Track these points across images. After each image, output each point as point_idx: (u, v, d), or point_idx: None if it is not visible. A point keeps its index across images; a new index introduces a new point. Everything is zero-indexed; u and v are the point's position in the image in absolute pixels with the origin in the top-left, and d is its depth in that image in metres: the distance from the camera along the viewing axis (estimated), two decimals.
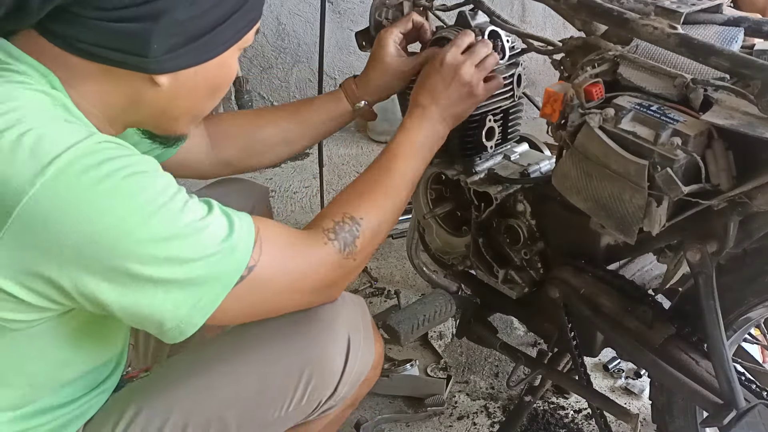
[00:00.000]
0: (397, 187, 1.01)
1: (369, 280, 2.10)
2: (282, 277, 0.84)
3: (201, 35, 0.77)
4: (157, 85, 0.78)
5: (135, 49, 0.73)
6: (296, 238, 0.87)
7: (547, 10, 1.21)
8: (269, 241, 0.81)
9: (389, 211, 0.99)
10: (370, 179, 1.00)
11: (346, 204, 0.94)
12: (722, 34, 0.95)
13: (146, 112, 0.83)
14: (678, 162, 0.84)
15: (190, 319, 0.76)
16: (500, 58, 1.23)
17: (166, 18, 0.72)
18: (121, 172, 0.70)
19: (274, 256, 0.82)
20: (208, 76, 0.82)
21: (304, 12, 3.15)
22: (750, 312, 1.04)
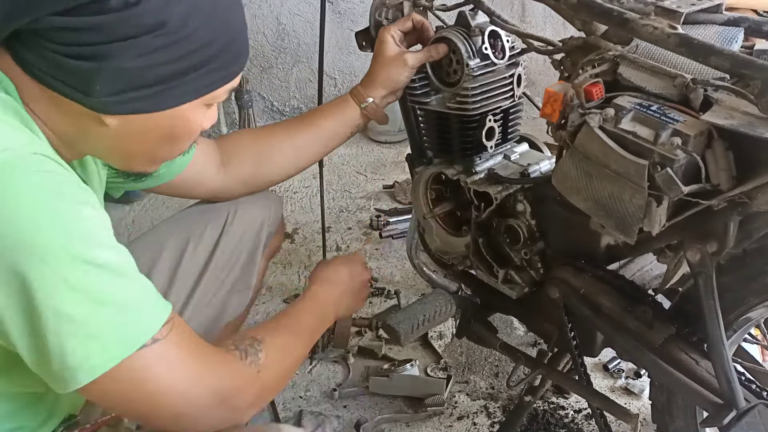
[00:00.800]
0: (299, 332, 1.01)
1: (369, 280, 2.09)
2: (183, 362, 0.79)
3: (150, 86, 0.75)
4: (104, 124, 0.77)
5: (80, 86, 0.73)
6: (203, 341, 0.84)
7: (547, 10, 1.21)
8: (179, 328, 0.79)
9: (291, 345, 0.97)
10: (276, 319, 1.01)
11: (248, 331, 0.94)
12: (722, 34, 0.95)
13: (96, 145, 0.83)
14: (678, 162, 0.84)
15: (74, 374, 0.71)
16: (500, 58, 1.23)
17: (110, 63, 0.72)
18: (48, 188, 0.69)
19: (181, 340, 0.79)
20: (162, 126, 0.80)
21: (304, 12, 3.15)
22: (750, 312, 1.04)
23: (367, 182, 2.77)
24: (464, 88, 1.20)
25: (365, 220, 2.45)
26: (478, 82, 1.20)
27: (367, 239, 2.35)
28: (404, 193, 2.60)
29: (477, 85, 1.20)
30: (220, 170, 1.21)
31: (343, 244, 2.33)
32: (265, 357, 0.89)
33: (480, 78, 1.21)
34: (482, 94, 1.21)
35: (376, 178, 2.79)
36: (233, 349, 0.87)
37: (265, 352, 0.89)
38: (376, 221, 2.39)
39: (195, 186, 1.19)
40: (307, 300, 1.08)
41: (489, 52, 1.21)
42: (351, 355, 1.78)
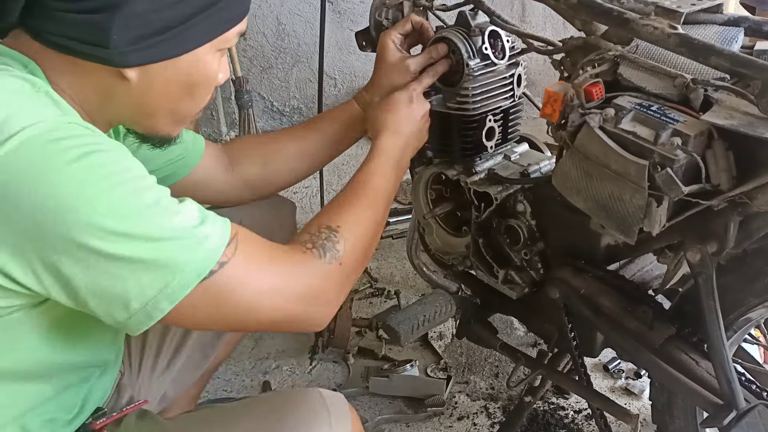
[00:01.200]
0: (374, 199, 1.00)
1: (369, 280, 2.10)
2: (258, 278, 0.81)
3: (166, 29, 0.76)
4: (126, 80, 0.78)
5: (97, 41, 0.74)
6: (274, 247, 0.85)
7: (547, 10, 1.21)
8: (245, 243, 0.80)
9: (369, 219, 0.97)
10: (346, 193, 1.00)
11: (321, 218, 0.93)
12: (722, 34, 0.95)
13: (121, 107, 0.83)
14: (678, 162, 0.84)
15: (157, 303, 0.74)
16: (500, 58, 1.23)
17: (125, 9, 0.73)
18: (85, 148, 0.70)
19: (250, 256, 0.80)
20: (181, 73, 0.81)
21: (304, 12, 3.15)
22: (750, 312, 1.04)
23: None
24: (464, 88, 1.20)
25: None
26: (478, 82, 1.20)
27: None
28: (404, 193, 2.60)
29: (477, 85, 1.20)
30: (228, 173, 1.22)
31: None
32: (344, 246, 0.89)
33: (480, 78, 1.20)
34: (482, 94, 1.21)
35: None
36: (310, 248, 0.87)
37: (343, 241, 0.89)
38: None
39: (203, 188, 1.19)
40: (375, 160, 1.06)
41: (489, 52, 1.21)
42: (351, 355, 1.78)
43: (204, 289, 0.75)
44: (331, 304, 0.90)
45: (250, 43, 3.21)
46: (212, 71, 0.85)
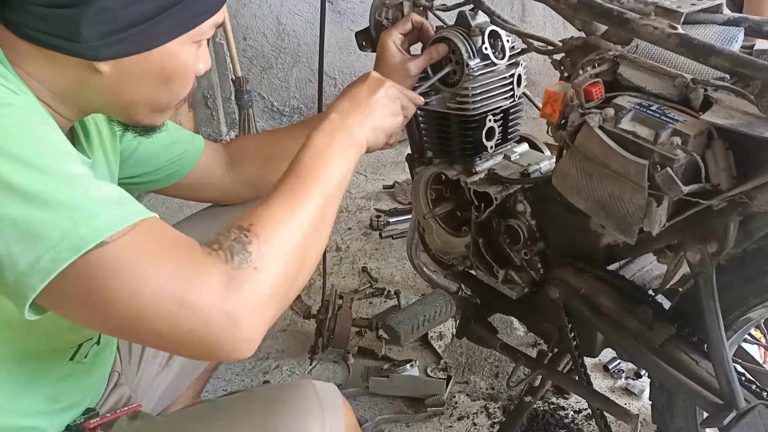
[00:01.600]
0: (304, 191, 0.81)
1: (369, 280, 2.10)
2: (142, 270, 0.67)
3: (136, 24, 0.75)
4: (98, 72, 0.77)
5: (67, 35, 0.74)
6: (178, 244, 0.72)
7: (547, 10, 1.21)
8: (145, 231, 0.70)
9: (295, 215, 0.78)
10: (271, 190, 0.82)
11: (235, 219, 0.77)
12: (722, 34, 0.95)
13: (95, 96, 0.82)
14: (678, 162, 0.84)
15: (28, 279, 0.65)
16: (500, 58, 1.23)
17: (94, 5, 0.72)
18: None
19: (141, 243, 0.68)
20: (154, 66, 0.80)
21: (304, 12, 3.15)
22: (750, 312, 1.04)
23: (367, 182, 2.78)
24: (464, 88, 1.20)
25: (365, 220, 2.45)
26: (478, 82, 1.20)
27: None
28: (404, 193, 2.60)
29: (477, 85, 1.20)
30: (228, 172, 1.22)
31: (343, 245, 2.33)
32: (260, 247, 0.72)
33: (480, 78, 1.21)
34: (482, 94, 1.21)
35: (376, 178, 2.79)
36: (216, 249, 0.71)
37: (257, 241, 0.73)
38: (376, 221, 2.39)
39: (204, 186, 1.19)
40: (306, 141, 0.88)
41: (489, 52, 1.21)
42: (351, 355, 1.78)
43: (80, 269, 0.66)
44: (247, 323, 0.70)
45: (250, 43, 3.21)
46: (187, 63, 0.83)
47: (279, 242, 0.75)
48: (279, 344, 1.86)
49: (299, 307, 1.97)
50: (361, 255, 2.26)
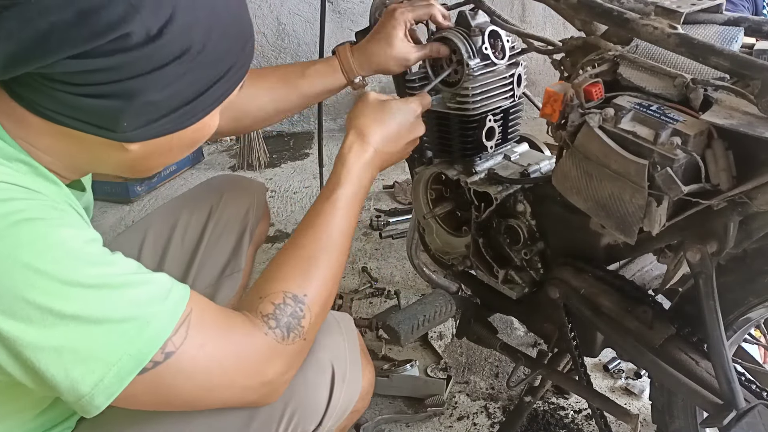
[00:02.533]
0: (338, 247, 0.89)
1: (369, 280, 2.10)
2: (209, 371, 0.73)
3: (176, 109, 0.72)
4: (126, 150, 0.73)
5: (104, 124, 0.69)
6: (231, 328, 0.76)
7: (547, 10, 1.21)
8: (199, 326, 0.72)
9: (334, 273, 0.88)
10: (309, 241, 0.88)
11: (285, 279, 0.83)
12: (722, 34, 0.95)
13: (112, 167, 0.78)
14: (678, 162, 0.84)
15: (92, 399, 0.67)
16: (500, 58, 1.23)
17: (139, 98, 0.68)
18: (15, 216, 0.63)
19: (202, 346, 0.72)
20: (185, 139, 0.77)
21: (304, 12, 3.15)
22: (750, 312, 1.04)
23: None
24: (464, 88, 1.20)
25: (365, 220, 2.45)
26: (478, 82, 1.20)
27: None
28: (404, 193, 2.60)
29: (477, 85, 1.20)
30: None
31: None
32: (309, 320, 0.82)
33: (480, 78, 1.21)
34: (482, 94, 1.21)
35: (376, 178, 2.79)
36: (273, 327, 0.78)
37: (309, 314, 0.82)
38: (376, 221, 2.39)
39: None
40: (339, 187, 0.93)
41: (489, 52, 1.21)
42: None
43: (147, 381, 0.68)
44: (289, 380, 0.83)
45: None
46: (214, 126, 0.81)
47: (322, 312, 0.86)
48: None
49: None
50: (361, 255, 2.26)
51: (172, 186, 2.87)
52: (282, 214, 2.56)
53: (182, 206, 1.28)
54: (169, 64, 0.68)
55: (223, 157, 3.15)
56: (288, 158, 3.09)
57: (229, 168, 3.03)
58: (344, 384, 0.91)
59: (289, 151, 3.17)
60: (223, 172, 2.96)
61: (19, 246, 0.63)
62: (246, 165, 2.99)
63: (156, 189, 2.82)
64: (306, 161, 3.02)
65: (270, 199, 2.69)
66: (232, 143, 3.30)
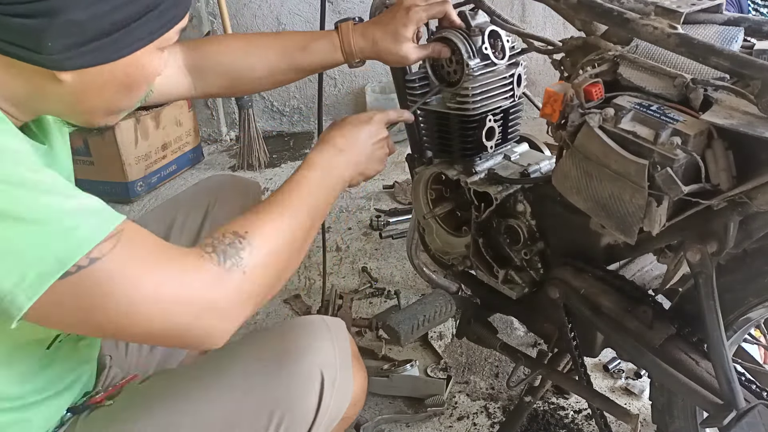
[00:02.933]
0: (296, 210, 0.89)
1: (369, 280, 2.10)
2: (138, 279, 0.71)
3: (104, 35, 0.72)
4: (59, 81, 0.74)
5: (30, 45, 0.70)
6: (166, 248, 0.76)
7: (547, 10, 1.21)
8: (130, 240, 0.72)
9: (287, 231, 0.85)
10: (265, 202, 0.89)
11: (230, 224, 0.83)
12: (722, 34, 0.95)
13: (53, 103, 0.79)
14: (678, 161, 0.84)
15: (13, 297, 0.66)
16: (500, 58, 1.23)
17: (61, 17, 0.69)
18: None
19: (133, 254, 0.71)
20: (118, 75, 0.77)
21: (304, 12, 3.15)
22: (750, 312, 1.04)
23: (366, 182, 2.77)
24: (464, 88, 1.20)
25: (365, 220, 2.45)
26: (478, 82, 1.20)
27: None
28: (404, 193, 2.60)
29: (477, 85, 1.20)
30: (191, 83, 1.18)
31: (343, 244, 2.33)
32: (251, 254, 0.79)
33: (480, 78, 1.21)
34: (482, 94, 1.21)
35: (376, 178, 2.79)
36: (210, 252, 0.77)
37: (250, 248, 0.79)
38: (376, 221, 2.39)
39: (167, 97, 1.17)
40: (302, 171, 0.95)
41: (489, 52, 1.21)
42: None
43: (70, 285, 0.67)
44: (230, 318, 0.78)
45: None
46: (152, 69, 0.81)
47: (267, 253, 0.82)
48: None
49: (299, 307, 1.97)
50: (361, 255, 2.26)
51: (172, 186, 2.87)
52: None
53: (178, 207, 1.28)
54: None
55: (223, 157, 3.15)
56: (288, 158, 3.09)
57: (229, 168, 3.03)
58: (334, 390, 0.89)
59: (289, 151, 3.17)
60: (223, 172, 2.96)
61: None
62: (246, 165, 2.99)
63: (156, 189, 2.82)
64: None
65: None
66: (232, 143, 3.30)
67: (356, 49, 1.18)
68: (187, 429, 0.85)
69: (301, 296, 2.03)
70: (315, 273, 2.15)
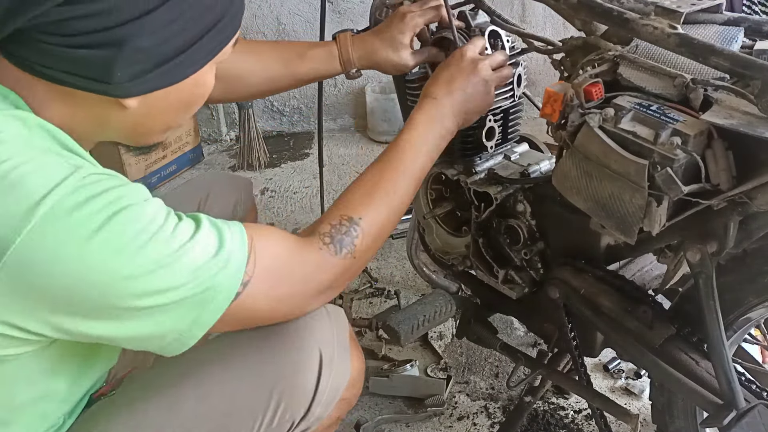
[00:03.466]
0: (400, 184, 0.96)
1: (369, 280, 2.10)
2: (279, 288, 0.83)
3: (170, 59, 0.74)
4: (124, 108, 0.75)
5: (98, 76, 0.70)
6: (290, 245, 0.85)
7: (547, 10, 1.21)
8: (263, 252, 0.80)
9: (392, 208, 0.95)
10: (373, 177, 0.96)
11: (345, 205, 0.92)
12: (722, 34, 0.95)
13: (116, 130, 0.80)
14: (678, 161, 0.84)
15: (191, 332, 0.76)
16: None
17: (129, 45, 0.69)
18: (108, 210, 0.68)
19: (269, 268, 0.81)
20: (182, 95, 0.79)
21: (304, 12, 3.15)
22: (750, 312, 1.04)
23: None
24: None
25: None
26: None
27: None
28: None
29: None
30: None
31: None
32: (362, 240, 0.89)
33: None
34: None
35: None
36: (328, 243, 0.87)
37: (362, 235, 0.90)
38: None
39: None
40: (405, 132, 1.01)
41: (489, 51, 1.21)
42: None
43: (232, 310, 0.77)
44: (339, 291, 0.93)
45: None
46: (210, 84, 0.83)
47: (376, 236, 0.92)
48: None
49: None
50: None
51: (172, 186, 2.87)
52: (282, 214, 2.56)
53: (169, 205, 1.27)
54: (156, 8, 0.70)
55: (223, 157, 3.15)
56: (288, 158, 3.09)
57: (229, 168, 3.02)
58: (332, 368, 0.92)
59: (289, 151, 3.16)
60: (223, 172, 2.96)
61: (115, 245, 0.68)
62: (246, 165, 2.99)
63: (156, 189, 2.82)
64: (306, 161, 3.02)
65: (270, 199, 2.69)
66: (232, 143, 3.30)
67: (354, 57, 1.19)
68: (190, 409, 0.87)
69: None
70: None
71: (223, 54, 0.81)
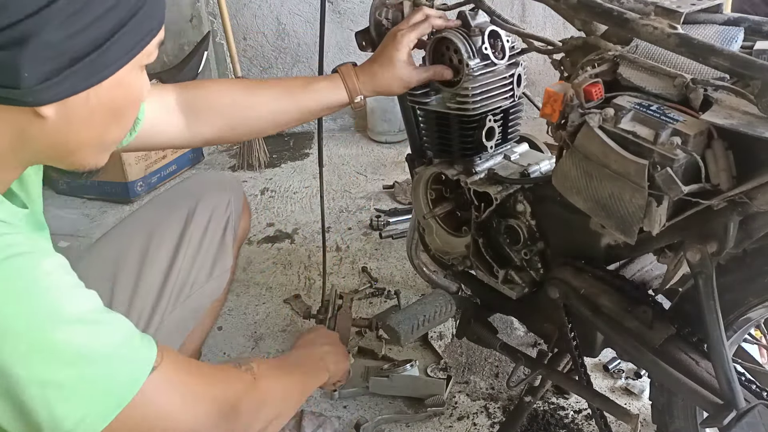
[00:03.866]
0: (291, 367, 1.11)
1: (369, 280, 2.10)
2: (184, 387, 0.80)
3: (83, 56, 0.67)
4: (42, 118, 0.68)
5: (4, 81, 0.64)
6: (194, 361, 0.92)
7: (547, 10, 1.21)
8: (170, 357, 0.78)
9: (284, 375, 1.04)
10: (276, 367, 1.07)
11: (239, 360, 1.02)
12: (722, 34, 0.95)
13: (39, 147, 0.72)
14: (678, 161, 0.84)
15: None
16: (500, 58, 1.23)
17: (34, 42, 0.63)
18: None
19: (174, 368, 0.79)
20: (104, 100, 0.72)
21: (304, 12, 3.15)
22: (750, 312, 1.04)
23: (367, 182, 2.77)
24: (464, 88, 1.20)
25: (365, 220, 2.45)
26: (478, 82, 1.20)
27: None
28: (404, 193, 2.60)
29: (477, 85, 1.20)
30: (185, 124, 1.14)
31: (343, 245, 2.33)
32: (259, 369, 0.95)
33: (480, 78, 1.21)
34: (482, 94, 1.21)
35: (376, 178, 2.79)
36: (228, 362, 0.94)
37: (258, 368, 0.96)
38: (376, 221, 2.39)
39: (148, 142, 1.12)
40: (293, 351, 1.24)
41: (489, 52, 1.21)
42: (351, 355, 1.77)
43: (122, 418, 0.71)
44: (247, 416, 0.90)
45: (250, 43, 3.21)
46: (137, 90, 0.76)
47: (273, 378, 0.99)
48: (279, 344, 1.86)
49: (299, 307, 1.97)
50: (361, 255, 2.26)
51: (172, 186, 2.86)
52: (282, 214, 2.56)
53: (161, 211, 1.26)
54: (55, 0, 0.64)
55: (223, 157, 3.15)
56: (288, 158, 3.09)
57: (228, 168, 3.02)
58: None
59: (289, 151, 3.16)
60: (223, 172, 2.96)
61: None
62: (246, 165, 2.98)
63: (156, 189, 2.82)
64: (306, 161, 3.02)
65: (270, 199, 2.69)
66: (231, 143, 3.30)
67: (359, 85, 1.19)
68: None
69: (300, 296, 2.03)
70: (315, 273, 2.15)
71: (145, 56, 0.75)
